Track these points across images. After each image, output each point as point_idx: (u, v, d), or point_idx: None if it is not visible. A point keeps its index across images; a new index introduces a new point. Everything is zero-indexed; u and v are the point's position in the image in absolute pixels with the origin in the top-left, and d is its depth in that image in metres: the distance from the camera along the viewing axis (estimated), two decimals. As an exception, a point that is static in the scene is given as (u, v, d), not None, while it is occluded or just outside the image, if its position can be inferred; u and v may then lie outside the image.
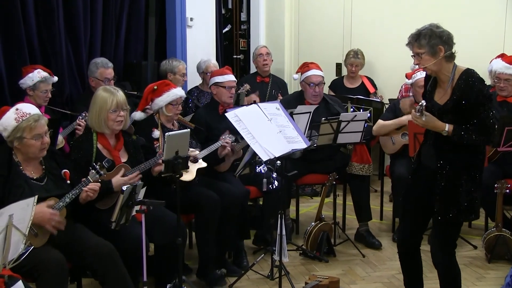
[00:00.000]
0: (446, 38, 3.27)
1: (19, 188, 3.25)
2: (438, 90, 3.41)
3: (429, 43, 3.25)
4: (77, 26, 5.30)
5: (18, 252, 2.73)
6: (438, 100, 3.36)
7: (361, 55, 6.69)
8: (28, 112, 3.33)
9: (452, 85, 3.30)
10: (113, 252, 3.38)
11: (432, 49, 3.26)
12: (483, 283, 4.33)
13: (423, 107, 3.25)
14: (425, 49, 3.27)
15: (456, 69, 3.32)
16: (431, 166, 3.39)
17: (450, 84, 3.31)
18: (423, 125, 3.34)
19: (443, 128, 3.28)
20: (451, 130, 3.27)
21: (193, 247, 4.78)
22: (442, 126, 3.28)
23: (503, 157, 4.83)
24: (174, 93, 4.24)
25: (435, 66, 3.30)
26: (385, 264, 4.69)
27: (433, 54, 3.27)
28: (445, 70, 3.32)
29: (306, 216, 5.80)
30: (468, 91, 3.25)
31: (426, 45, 3.26)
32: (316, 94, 5.16)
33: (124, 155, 3.83)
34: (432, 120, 3.29)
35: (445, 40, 3.27)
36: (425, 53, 3.28)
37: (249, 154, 4.31)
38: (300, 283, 4.21)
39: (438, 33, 3.26)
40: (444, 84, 3.36)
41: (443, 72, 3.33)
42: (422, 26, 3.32)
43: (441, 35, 3.26)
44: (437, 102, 3.37)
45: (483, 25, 6.40)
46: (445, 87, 3.35)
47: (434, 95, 3.41)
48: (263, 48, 6.63)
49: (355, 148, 5.02)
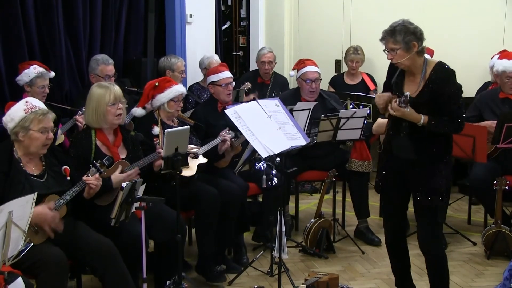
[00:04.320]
0: (419, 34, 3.41)
1: (19, 185, 3.25)
2: (408, 83, 3.52)
3: (404, 39, 3.36)
4: (77, 23, 5.30)
5: (18, 248, 2.73)
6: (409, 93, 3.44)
7: (361, 51, 6.68)
8: (38, 106, 3.38)
9: (425, 77, 3.42)
10: (113, 249, 3.38)
11: (407, 45, 3.37)
12: (482, 279, 4.34)
13: (408, 98, 3.31)
14: (400, 45, 3.37)
15: (428, 62, 3.45)
16: (409, 157, 3.50)
17: (423, 77, 3.42)
18: (402, 116, 3.40)
19: (419, 119, 3.39)
20: (426, 121, 3.38)
21: (193, 243, 4.78)
22: (418, 117, 3.39)
23: (503, 154, 4.83)
24: (176, 90, 4.24)
25: (408, 61, 3.41)
26: (385, 261, 4.68)
27: (407, 50, 3.38)
28: (417, 64, 3.45)
29: (305, 212, 5.80)
30: (443, 82, 3.38)
31: (401, 41, 3.37)
32: (312, 90, 5.16)
33: (123, 151, 3.83)
34: (411, 112, 3.38)
35: (418, 36, 3.40)
36: (400, 49, 3.39)
37: (248, 150, 4.31)
38: (300, 280, 4.21)
39: (412, 29, 3.38)
40: (415, 77, 3.48)
41: (415, 66, 3.45)
42: (394, 22, 3.42)
43: (415, 32, 3.39)
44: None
45: (482, 21, 6.38)
46: (415, 80, 3.47)
47: (404, 88, 3.50)
48: (268, 54, 6.43)
49: (354, 144, 5.02)
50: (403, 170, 3.56)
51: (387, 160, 3.65)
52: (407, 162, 3.52)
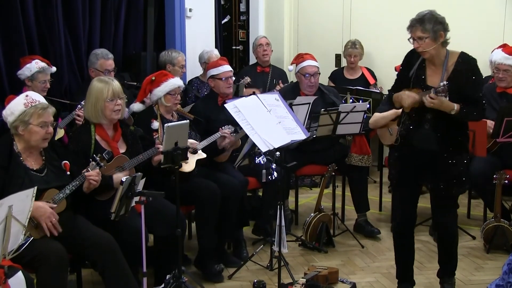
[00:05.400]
0: (446, 25, 3.45)
1: (18, 179, 3.25)
2: (430, 74, 3.55)
3: (433, 28, 3.41)
4: (76, 17, 5.29)
5: (18, 243, 2.74)
6: (433, 84, 3.49)
7: (359, 45, 6.67)
8: (38, 100, 3.37)
9: (448, 68, 3.47)
10: (113, 243, 3.38)
11: (435, 34, 3.42)
12: (481, 273, 4.34)
13: (446, 87, 3.35)
14: (429, 34, 3.41)
15: (450, 53, 3.50)
16: (431, 148, 3.55)
17: (445, 68, 3.48)
18: (439, 105, 3.42)
19: (453, 107, 3.43)
20: (458, 109, 3.42)
21: (193, 238, 4.79)
22: (452, 105, 3.43)
23: (502, 148, 4.83)
24: (172, 83, 4.24)
25: (434, 50, 3.45)
26: (384, 255, 4.70)
27: (435, 39, 3.43)
28: (440, 54, 3.50)
29: (305, 207, 5.81)
30: (469, 72, 3.45)
31: (430, 30, 3.41)
32: (311, 84, 5.15)
33: (123, 146, 3.83)
34: (445, 100, 3.41)
35: (445, 27, 3.45)
36: (428, 38, 3.42)
37: (248, 145, 4.31)
38: (299, 274, 4.22)
39: (440, 19, 3.44)
40: (436, 68, 3.52)
41: (438, 56, 3.50)
42: (421, 11, 3.46)
43: (443, 22, 3.45)
44: (431, 85, 3.49)
45: (483, 15, 6.38)
46: (437, 70, 3.51)
47: (427, 80, 3.55)
48: (262, 38, 6.63)
49: (354, 139, 5.02)
50: (423, 162, 3.60)
51: (405, 153, 3.66)
52: (429, 153, 3.57)
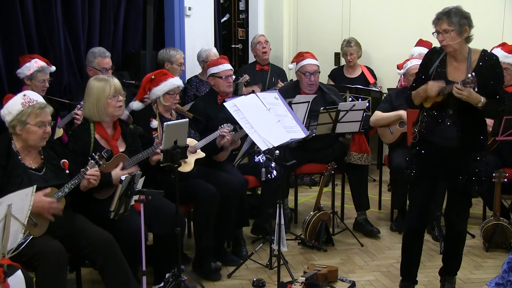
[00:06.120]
0: (471, 20, 3.46)
1: (17, 178, 3.25)
2: (452, 70, 3.54)
3: (460, 21, 3.42)
4: (75, 15, 5.28)
5: (17, 241, 2.73)
6: (454, 79, 3.48)
7: (354, 43, 6.66)
8: (35, 99, 3.36)
9: (471, 64, 3.47)
10: (112, 242, 3.39)
11: (461, 28, 3.43)
12: (481, 271, 4.35)
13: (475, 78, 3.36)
14: (454, 27, 3.42)
15: (472, 50, 3.51)
16: (452, 145, 3.53)
17: (469, 64, 3.48)
18: (467, 96, 3.41)
19: (480, 99, 3.42)
20: (485, 101, 3.43)
21: (192, 236, 4.78)
22: (479, 97, 3.41)
23: (502, 146, 4.83)
24: (171, 83, 4.23)
25: (458, 45, 3.46)
26: (384, 253, 4.71)
27: (460, 33, 3.44)
28: (463, 50, 3.51)
29: (304, 205, 5.81)
30: (493, 68, 3.49)
31: (456, 23, 3.42)
32: (311, 83, 5.15)
33: (122, 145, 3.83)
34: (473, 92, 3.41)
35: (470, 22, 3.46)
36: (453, 31, 3.43)
37: (247, 143, 4.31)
38: (299, 272, 4.22)
39: (466, 14, 3.47)
40: (458, 64, 3.52)
41: (461, 52, 3.50)
42: (447, 6, 3.48)
43: (468, 17, 3.46)
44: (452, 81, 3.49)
45: (481, 13, 6.33)
46: (459, 67, 3.51)
47: (448, 76, 3.53)
48: (261, 36, 6.63)
49: (353, 137, 5.02)
50: (443, 159, 3.58)
51: (425, 150, 3.64)
52: (450, 150, 3.55)
